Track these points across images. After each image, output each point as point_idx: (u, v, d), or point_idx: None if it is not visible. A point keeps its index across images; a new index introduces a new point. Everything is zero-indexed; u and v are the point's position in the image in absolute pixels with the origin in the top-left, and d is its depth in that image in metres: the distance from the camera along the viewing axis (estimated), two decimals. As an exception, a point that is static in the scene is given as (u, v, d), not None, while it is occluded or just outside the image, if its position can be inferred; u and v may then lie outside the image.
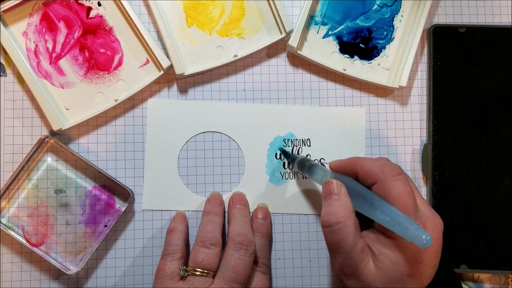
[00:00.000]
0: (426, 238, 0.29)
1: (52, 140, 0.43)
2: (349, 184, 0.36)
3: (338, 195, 0.35)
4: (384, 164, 0.36)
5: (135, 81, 0.44)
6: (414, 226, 0.30)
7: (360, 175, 0.37)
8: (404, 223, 0.31)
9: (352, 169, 0.37)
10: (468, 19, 0.48)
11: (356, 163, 0.37)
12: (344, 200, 0.35)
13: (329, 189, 0.36)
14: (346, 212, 0.34)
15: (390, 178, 0.34)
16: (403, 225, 0.31)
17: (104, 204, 0.44)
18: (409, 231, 0.30)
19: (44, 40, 0.43)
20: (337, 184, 0.36)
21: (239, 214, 0.43)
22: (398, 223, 0.31)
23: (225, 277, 0.38)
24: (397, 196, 0.34)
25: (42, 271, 0.43)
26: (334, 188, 0.35)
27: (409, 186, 0.34)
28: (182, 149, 0.45)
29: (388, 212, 0.32)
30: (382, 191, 0.34)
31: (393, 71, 0.46)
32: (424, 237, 0.29)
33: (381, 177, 0.35)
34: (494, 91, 0.46)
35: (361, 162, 0.37)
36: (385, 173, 0.35)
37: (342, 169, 0.38)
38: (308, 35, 0.46)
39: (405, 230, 0.30)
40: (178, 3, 0.45)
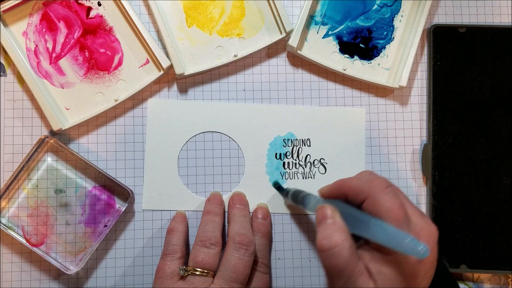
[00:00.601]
0: (422, 249, 0.29)
1: (52, 140, 0.43)
2: (340, 207, 0.35)
3: (332, 219, 0.35)
4: (370, 179, 0.36)
5: (135, 81, 0.44)
6: (408, 239, 0.30)
7: (349, 195, 0.37)
8: (398, 237, 0.30)
9: (341, 191, 0.38)
10: (468, 19, 0.48)
11: (342, 185, 0.37)
12: (339, 223, 0.34)
13: (322, 213, 0.35)
14: (343, 234, 0.34)
15: (379, 192, 0.34)
16: (398, 240, 0.30)
17: (104, 204, 0.44)
18: (404, 245, 0.30)
19: (44, 40, 0.43)
20: (330, 208, 0.35)
21: (239, 214, 0.43)
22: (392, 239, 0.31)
23: (225, 276, 0.38)
24: (388, 210, 0.33)
25: (42, 271, 0.43)
26: (328, 213, 0.35)
27: (398, 199, 0.34)
28: (182, 149, 0.45)
29: (381, 229, 0.32)
30: (373, 207, 0.34)
31: (393, 71, 0.46)
32: (420, 248, 0.29)
33: (370, 192, 0.35)
34: (494, 91, 0.46)
35: (347, 183, 0.37)
36: (373, 187, 0.35)
37: (331, 193, 0.39)
38: (308, 35, 0.46)
39: (400, 244, 0.30)
40: (178, 3, 0.45)
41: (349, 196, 0.37)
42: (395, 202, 0.34)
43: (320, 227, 0.35)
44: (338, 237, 0.33)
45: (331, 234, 0.34)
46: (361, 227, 0.33)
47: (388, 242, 0.31)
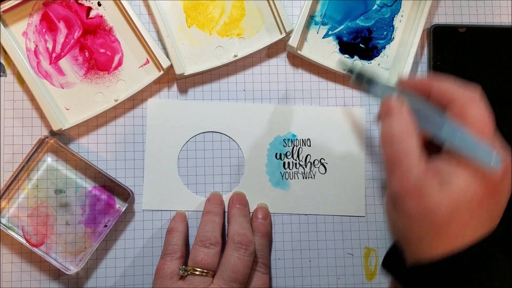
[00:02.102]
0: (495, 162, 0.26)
1: (52, 140, 0.43)
2: (414, 101, 0.33)
3: (399, 111, 0.32)
4: (463, 86, 0.33)
5: (135, 81, 0.44)
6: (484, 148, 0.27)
7: (434, 95, 0.34)
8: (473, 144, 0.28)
9: (425, 88, 0.34)
10: (468, 19, 0.48)
11: (432, 83, 0.34)
12: (406, 115, 0.32)
13: (388, 106, 0.33)
14: (409, 124, 0.31)
15: (471, 100, 0.31)
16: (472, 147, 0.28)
17: (104, 204, 0.44)
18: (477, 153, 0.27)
19: (44, 40, 0.43)
20: (399, 102, 0.33)
21: (239, 214, 0.43)
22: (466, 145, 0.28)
23: (224, 276, 0.38)
24: (475, 122, 0.30)
25: (42, 271, 0.43)
26: (396, 107, 0.33)
27: (489, 112, 0.31)
28: (182, 149, 0.45)
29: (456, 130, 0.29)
30: (458, 114, 0.31)
31: (393, 71, 0.46)
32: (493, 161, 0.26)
33: (461, 97, 0.32)
34: (494, 91, 0.46)
35: (438, 82, 0.34)
36: (465, 93, 0.32)
37: (413, 86, 0.35)
38: (308, 35, 0.46)
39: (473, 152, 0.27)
40: (178, 3, 0.45)
41: (432, 96, 0.34)
42: (484, 115, 0.31)
43: (385, 118, 0.33)
44: (404, 125, 0.31)
45: (396, 123, 0.32)
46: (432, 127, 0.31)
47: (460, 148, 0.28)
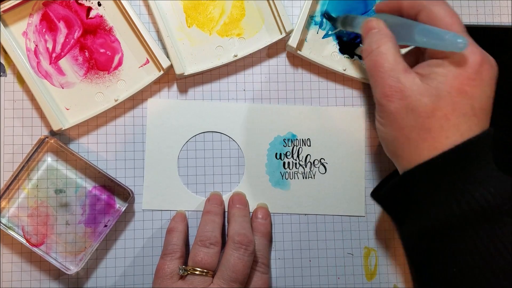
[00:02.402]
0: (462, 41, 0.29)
1: (52, 140, 0.43)
2: (387, 18, 0.36)
3: (377, 28, 0.36)
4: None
5: (135, 81, 0.44)
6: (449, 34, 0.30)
7: (405, 8, 0.36)
8: (439, 33, 0.30)
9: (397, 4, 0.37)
10: (468, 19, 0.48)
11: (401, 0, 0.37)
12: (383, 30, 0.35)
13: (368, 26, 0.36)
14: (386, 38, 0.35)
15: (434, 3, 0.34)
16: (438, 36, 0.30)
17: (104, 204, 0.44)
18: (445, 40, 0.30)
19: (44, 40, 0.43)
20: (375, 20, 0.36)
21: (238, 214, 0.43)
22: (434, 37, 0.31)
23: (224, 276, 0.38)
24: (442, 18, 0.33)
25: (42, 271, 0.43)
26: (374, 24, 0.36)
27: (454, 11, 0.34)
28: (182, 149, 0.45)
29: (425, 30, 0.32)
30: (427, 18, 0.34)
31: (393, 71, 0.46)
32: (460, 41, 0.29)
33: (426, 3, 0.34)
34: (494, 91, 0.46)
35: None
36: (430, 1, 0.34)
37: (387, 6, 0.38)
38: (308, 35, 0.46)
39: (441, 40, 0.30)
40: (178, 3, 0.45)
41: (404, 9, 0.37)
42: (450, 11, 0.34)
43: (365, 36, 0.36)
44: (381, 39, 0.35)
45: (374, 39, 0.35)
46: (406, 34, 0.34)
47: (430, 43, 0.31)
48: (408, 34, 0.33)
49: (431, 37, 0.31)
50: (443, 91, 0.32)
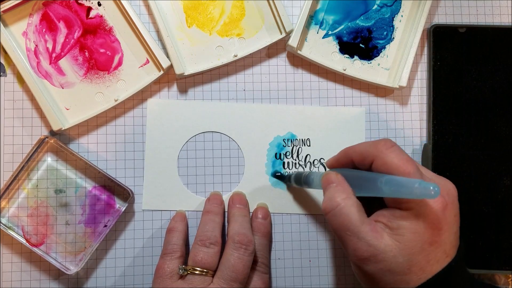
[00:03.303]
0: (433, 189, 0.28)
1: (52, 140, 0.43)
2: (346, 172, 0.36)
3: (336, 182, 0.35)
4: (375, 142, 0.35)
5: (135, 81, 0.44)
6: (417, 183, 0.29)
7: (356, 160, 0.36)
8: (407, 184, 0.30)
9: (347, 159, 0.37)
10: (468, 19, 0.48)
11: (348, 151, 0.37)
12: (341, 185, 0.35)
13: (327, 180, 0.36)
14: (345, 194, 0.34)
15: (385, 151, 0.34)
16: (408, 186, 0.29)
17: (104, 204, 0.44)
18: (415, 189, 0.29)
19: (44, 40, 0.43)
20: (333, 173, 0.36)
21: (238, 214, 0.43)
22: (402, 187, 0.30)
23: (224, 276, 0.38)
24: (398, 166, 0.33)
25: (42, 271, 0.43)
26: (332, 177, 0.35)
27: (406, 154, 0.34)
28: (182, 149, 0.45)
29: (391, 181, 0.31)
30: (382, 167, 0.34)
31: (393, 71, 0.46)
32: (431, 188, 0.28)
33: (376, 153, 0.34)
34: (494, 91, 0.46)
35: (352, 148, 0.37)
36: (378, 148, 0.34)
37: (338, 162, 0.39)
38: (308, 35, 0.46)
39: (411, 191, 0.29)
40: (178, 3, 0.45)
41: (356, 162, 0.37)
42: (402, 157, 0.33)
43: (324, 192, 0.35)
44: (339, 196, 0.34)
45: (333, 195, 0.34)
46: (370, 187, 0.33)
47: (399, 193, 0.30)
48: (372, 186, 0.32)
49: (399, 188, 0.30)
50: (416, 247, 0.32)
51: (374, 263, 0.32)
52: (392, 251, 0.32)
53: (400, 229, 0.32)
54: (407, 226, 0.32)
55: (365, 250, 0.32)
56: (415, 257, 0.32)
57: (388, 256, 0.32)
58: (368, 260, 0.32)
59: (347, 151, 0.38)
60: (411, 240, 0.32)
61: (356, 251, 0.33)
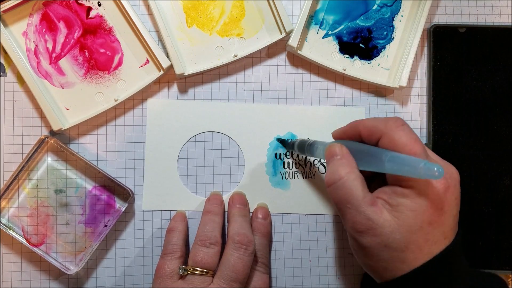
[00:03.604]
0: (438, 170, 0.28)
1: (52, 140, 0.43)
2: (351, 145, 0.36)
3: (340, 155, 0.35)
4: (385, 118, 0.35)
5: (135, 81, 0.44)
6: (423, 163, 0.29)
7: (364, 134, 0.36)
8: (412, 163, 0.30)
9: (355, 132, 0.37)
10: (468, 19, 0.48)
11: (358, 124, 0.37)
12: (346, 158, 0.35)
13: (331, 152, 0.35)
14: (349, 168, 0.34)
15: (394, 129, 0.34)
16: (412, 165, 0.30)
17: (104, 204, 0.44)
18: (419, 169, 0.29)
19: (44, 40, 0.43)
20: (338, 146, 0.35)
21: (238, 214, 0.43)
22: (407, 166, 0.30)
23: (224, 276, 0.38)
24: (405, 144, 0.33)
25: (42, 271, 0.43)
26: (336, 150, 0.35)
27: (415, 134, 0.34)
28: (182, 149, 0.45)
29: (396, 159, 0.31)
30: (388, 144, 0.34)
31: (393, 71, 0.46)
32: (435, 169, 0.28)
33: (385, 130, 0.34)
34: (494, 91, 0.46)
35: (362, 122, 0.37)
36: (388, 125, 0.34)
37: (345, 134, 0.38)
38: (308, 35, 0.46)
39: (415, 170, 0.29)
40: (178, 3, 0.45)
41: (363, 136, 0.36)
42: (411, 137, 0.33)
43: (328, 164, 0.35)
44: (343, 169, 0.34)
45: (337, 168, 0.34)
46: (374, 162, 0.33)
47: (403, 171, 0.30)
48: (376, 161, 0.32)
49: (403, 166, 0.30)
50: (414, 225, 0.32)
51: (372, 236, 0.33)
52: (390, 227, 0.32)
53: (400, 206, 0.33)
54: (407, 203, 0.32)
55: (363, 223, 0.32)
56: (413, 235, 0.32)
57: (386, 231, 0.32)
58: (366, 233, 0.33)
59: (356, 124, 0.37)
60: (410, 218, 0.32)
61: (355, 223, 0.33)
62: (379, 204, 0.33)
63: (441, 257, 0.32)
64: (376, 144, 0.35)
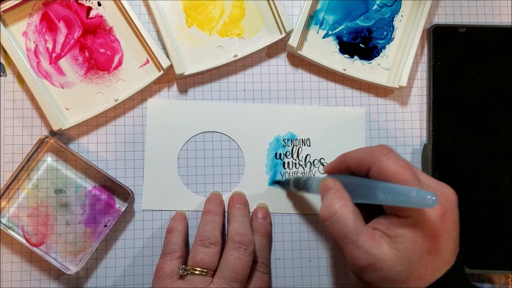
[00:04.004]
0: (431, 198, 0.28)
1: (52, 140, 0.43)
2: (344, 178, 0.36)
3: (333, 189, 0.35)
4: (371, 148, 0.35)
5: (135, 81, 0.44)
6: (414, 191, 0.29)
7: (353, 167, 0.36)
8: (404, 192, 0.29)
9: (344, 165, 0.37)
10: (468, 19, 0.48)
11: (345, 157, 0.37)
12: (339, 192, 0.34)
13: (325, 186, 0.35)
14: (343, 201, 0.34)
15: (381, 158, 0.33)
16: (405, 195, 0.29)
17: (104, 204, 0.44)
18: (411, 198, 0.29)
19: (44, 40, 0.43)
20: (331, 180, 0.35)
21: (238, 214, 0.43)
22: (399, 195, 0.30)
23: (224, 276, 0.38)
24: (395, 173, 0.32)
25: (42, 271, 0.43)
26: (330, 184, 0.35)
27: (402, 160, 0.34)
28: (182, 149, 0.45)
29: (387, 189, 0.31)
30: (379, 174, 0.33)
31: (393, 71, 0.46)
32: (428, 197, 0.28)
33: (373, 160, 0.34)
34: (494, 91, 0.46)
35: (349, 155, 0.37)
36: (374, 155, 0.34)
37: (335, 168, 0.38)
38: (308, 35, 0.46)
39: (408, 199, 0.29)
40: (178, 3, 0.45)
41: (353, 169, 0.36)
42: (399, 164, 0.33)
43: (322, 199, 0.35)
44: (337, 203, 0.33)
45: (331, 203, 0.34)
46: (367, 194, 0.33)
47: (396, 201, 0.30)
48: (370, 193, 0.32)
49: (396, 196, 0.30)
50: (414, 256, 0.32)
51: (373, 272, 0.32)
52: (391, 260, 0.32)
53: (399, 237, 0.32)
54: (406, 234, 0.32)
55: (363, 258, 0.32)
56: (413, 266, 0.32)
57: (387, 265, 0.32)
58: (367, 268, 0.32)
59: (343, 157, 0.37)
60: (410, 249, 0.32)
61: (354, 259, 0.32)
62: (377, 237, 0.33)
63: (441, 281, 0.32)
64: (367, 176, 0.35)
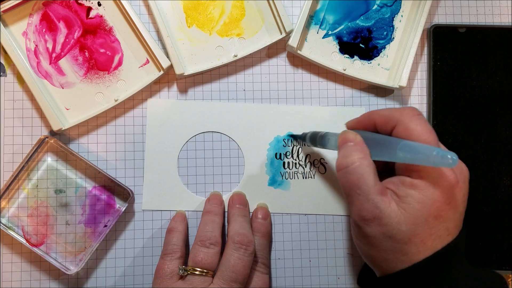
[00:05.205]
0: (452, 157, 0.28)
1: (52, 140, 0.43)
2: (365, 134, 0.35)
3: (354, 141, 0.35)
4: (401, 108, 0.35)
5: (135, 81, 0.44)
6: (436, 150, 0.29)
7: (379, 123, 0.36)
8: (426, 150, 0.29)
9: (370, 121, 0.37)
10: (468, 19, 0.48)
11: (373, 113, 0.37)
12: (360, 145, 0.34)
13: (344, 138, 0.35)
14: (362, 154, 0.34)
15: (410, 118, 0.34)
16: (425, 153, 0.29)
17: (104, 204, 0.44)
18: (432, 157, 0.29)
19: (44, 40, 0.43)
20: (352, 133, 0.35)
21: (238, 214, 0.43)
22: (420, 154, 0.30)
23: (224, 276, 0.38)
24: (420, 133, 0.33)
25: (42, 271, 0.43)
26: (349, 137, 0.35)
27: (429, 125, 0.34)
28: (182, 149, 0.45)
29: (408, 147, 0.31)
30: (404, 132, 0.33)
31: (393, 71, 0.46)
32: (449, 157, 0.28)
33: (401, 118, 0.34)
34: (494, 91, 0.46)
35: (377, 111, 0.37)
36: (404, 114, 0.34)
37: (359, 123, 0.38)
38: (308, 35, 0.46)
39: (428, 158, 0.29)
40: (178, 3, 0.45)
41: (378, 125, 0.36)
42: (426, 126, 0.33)
43: (340, 149, 0.35)
44: (356, 155, 0.34)
45: (350, 153, 0.34)
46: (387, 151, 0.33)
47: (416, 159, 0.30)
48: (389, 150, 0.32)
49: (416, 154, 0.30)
50: (420, 218, 0.32)
51: (377, 226, 0.32)
52: (397, 218, 0.32)
53: (408, 197, 0.32)
54: (415, 195, 0.32)
55: (371, 211, 0.32)
56: (418, 228, 0.32)
57: (392, 222, 0.32)
58: (372, 221, 0.32)
59: (371, 113, 0.37)
60: (417, 210, 0.32)
61: (362, 211, 0.33)
62: (388, 194, 0.33)
63: (443, 253, 0.32)
64: (390, 134, 0.35)
